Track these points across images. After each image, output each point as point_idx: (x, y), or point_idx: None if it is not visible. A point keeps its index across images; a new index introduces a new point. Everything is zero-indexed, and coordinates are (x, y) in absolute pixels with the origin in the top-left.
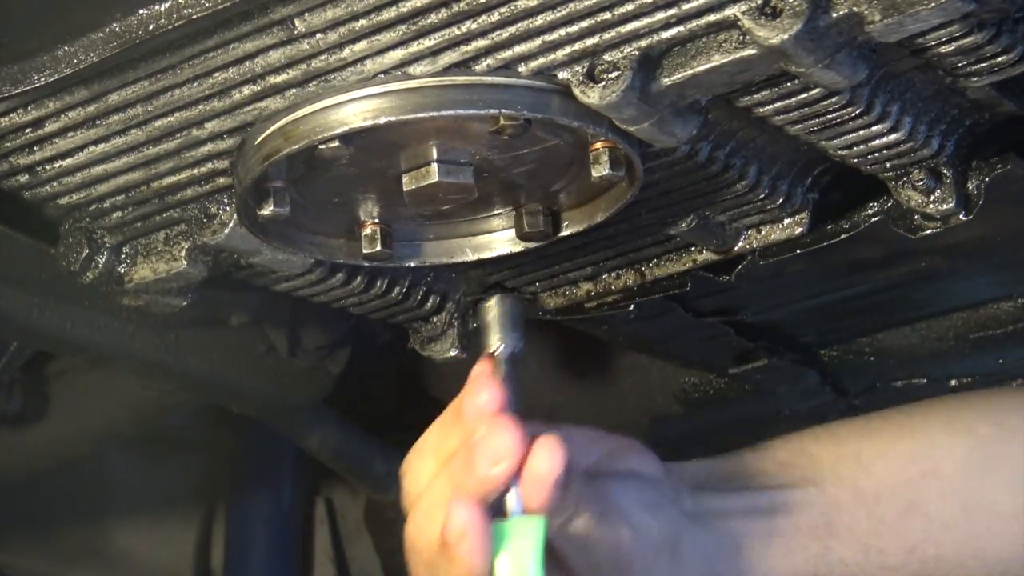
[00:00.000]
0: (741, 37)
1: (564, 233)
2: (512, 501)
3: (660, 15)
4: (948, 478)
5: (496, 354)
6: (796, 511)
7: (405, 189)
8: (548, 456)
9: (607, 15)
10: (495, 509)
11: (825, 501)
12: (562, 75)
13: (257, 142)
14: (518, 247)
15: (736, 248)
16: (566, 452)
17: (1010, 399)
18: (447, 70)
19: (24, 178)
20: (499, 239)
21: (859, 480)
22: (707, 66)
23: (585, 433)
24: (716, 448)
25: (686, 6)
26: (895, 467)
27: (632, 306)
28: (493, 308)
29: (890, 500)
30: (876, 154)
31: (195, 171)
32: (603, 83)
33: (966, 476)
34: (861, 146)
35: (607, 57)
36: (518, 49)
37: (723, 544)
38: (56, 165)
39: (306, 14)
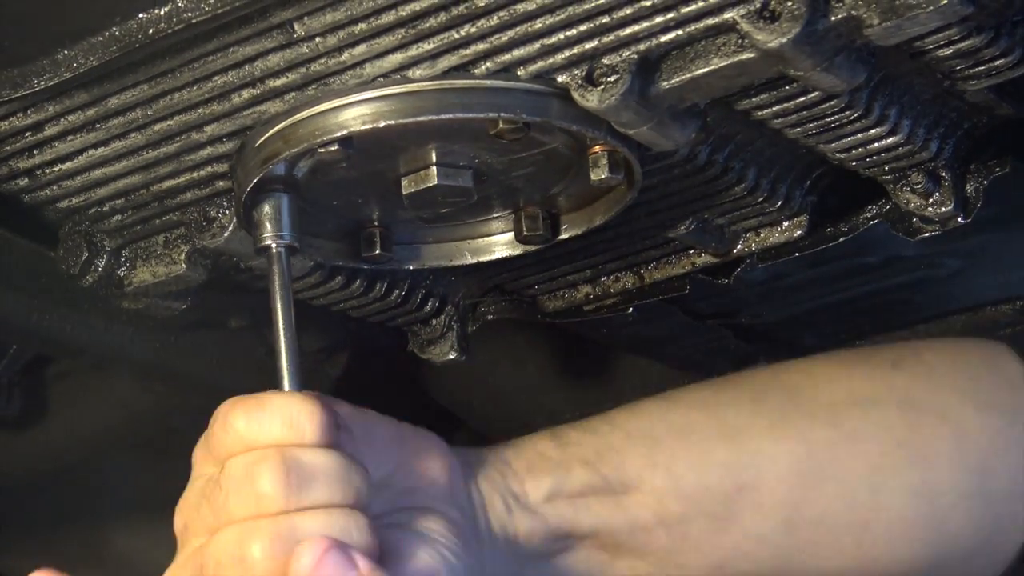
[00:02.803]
0: (740, 40)
1: (563, 236)
2: None
3: (659, 19)
4: (769, 492)
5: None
6: (588, 528)
7: (404, 192)
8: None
9: (606, 19)
10: None
11: (623, 520)
12: (561, 79)
13: (256, 145)
14: (517, 250)
15: (735, 251)
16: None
17: (859, 383)
18: (446, 74)
19: (24, 181)
20: (498, 242)
21: (665, 498)
22: (706, 69)
23: (380, 430)
24: None
25: (684, 10)
26: (709, 480)
27: (631, 309)
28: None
29: (697, 518)
30: (875, 157)
31: (195, 174)
32: (602, 87)
33: (791, 489)
34: (860, 149)
35: (606, 61)
36: (517, 53)
37: (511, 561)
38: (56, 169)
39: (305, 18)
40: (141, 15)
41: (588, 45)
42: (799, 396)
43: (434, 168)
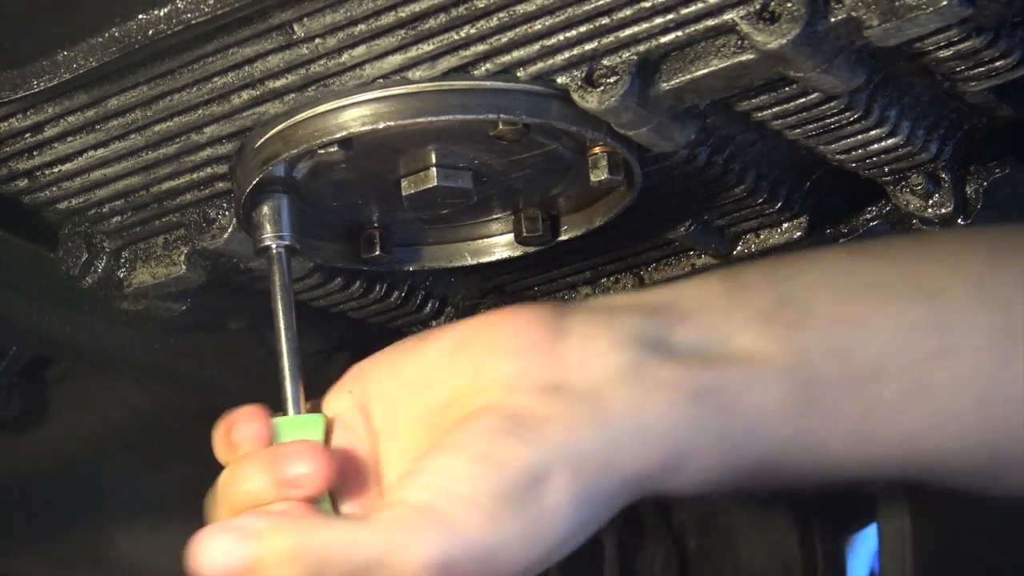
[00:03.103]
0: (739, 42)
1: (563, 237)
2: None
3: (658, 20)
4: (966, 361)
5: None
6: (769, 381)
7: (404, 193)
8: None
9: (606, 20)
10: None
11: (809, 375)
12: (561, 80)
13: (256, 147)
14: (517, 251)
15: (735, 252)
16: None
17: None
18: (446, 75)
19: (23, 183)
20: (498, 243)
21: (858, 351)
22: (705, 71)
23: (433, 352)
24: None
25: (684, 11)
26: (903, 341)
27: None
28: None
29: (890, 380)
30: (874, 158)
31: (194, 176)
32: (602, 88)
33: (989, 360)
34: (859, 150)
35: (606, 62)
36: (517, 54)
37: (649, 431)
38: (55, 170)
39: (305, 19)
40: (141, 16)
41: (588, 46)
42: (999, 260)
43: (434, 169)
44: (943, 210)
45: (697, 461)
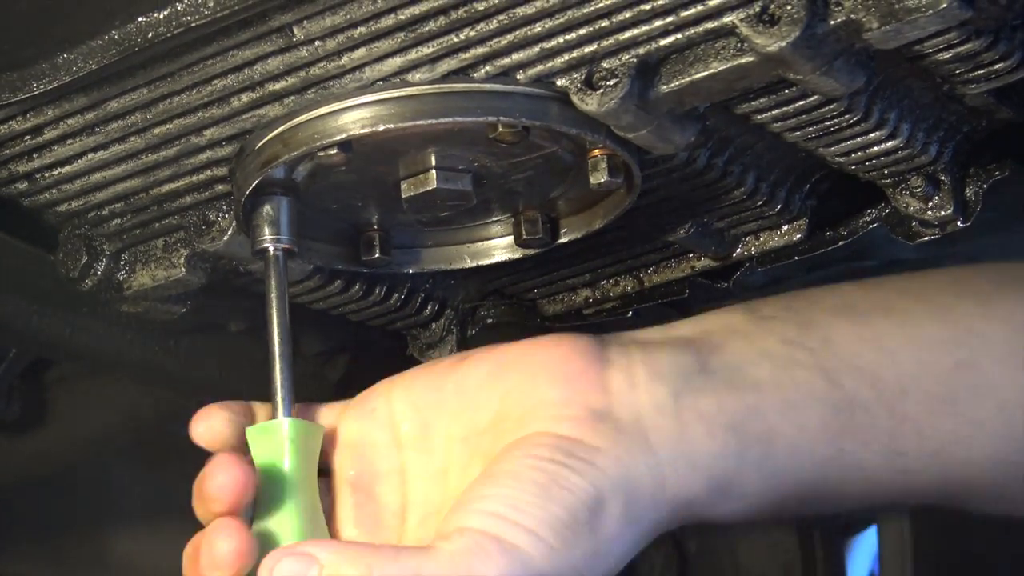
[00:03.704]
0: (739, 44)
1: (562, 240)
2: None
3: (658, 22)
4: (985, 372)
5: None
6: (803, 406)
7: (404, 196)
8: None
9: (605, 22)
10: None
11: (839, 397)
12: (560, 82)
13: (255, 149)
14: (516, 254)
15: (734, 255)
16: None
17: None
18: (446, 77)
19: (23, 185)
20: (498, 246)
21: (882, 370)
22: (705, 73)
23: (474, 377)
24: None
25: (684, 13)
26: (925, 356)
27: (631, 312)
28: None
29: (917, 395)
30: (874, 161)
31: (194, 178)
32: (601, 90)
33: (1005, 370)
34: (859, 153)
35: (605, 64)
36: (516, 56)
37: (690, 461)
38: (55, 172)
39: (305, 21)
40: (140, 19)
41: (587, 49)
42: (1003, 280)
43: (433, 172)
44: (943, 212)
45: (741, 487)
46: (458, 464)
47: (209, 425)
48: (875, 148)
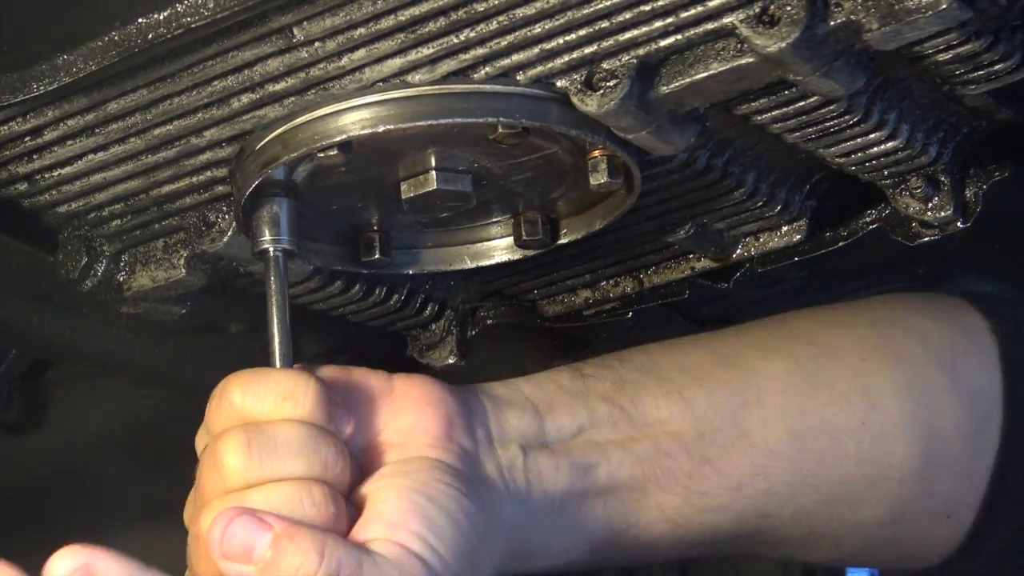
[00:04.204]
0: (739, 45)
1: (562, 241)
2: None
3: (658, 23)
4: (772, 404)
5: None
6: (614, 465)
7: (404, 196)
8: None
9: (605, 23)
10: None
11: (645, 450)
12: (560, 83)
13: (255, 150)
14: (516, 255)
15: (734, 256)
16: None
17: (824, 316)
18: (445, 78)
19: (23, 186)
20: (498, 247)
21: (681, 420)
22: (705, 74)
23: (364, 389)
24: None
25: (684, 14)
26: (718, 400)
27: (630, 313)
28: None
29: (713, 437)
30: (874, 161)
31: (194, 179)
32: (601, 91)
33: (789, 399)
34: (859, 153)
35: (605, 65)
36: (516, 57)
37: (530, 509)
38: (55, 173)
39: (305, 23)
40: (140, 20)
41: (587, 50)
42: (777, 327)
43: (433, 173)
44: (942, 213)
45: (560, 542)
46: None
47: None
48: (875, 149)
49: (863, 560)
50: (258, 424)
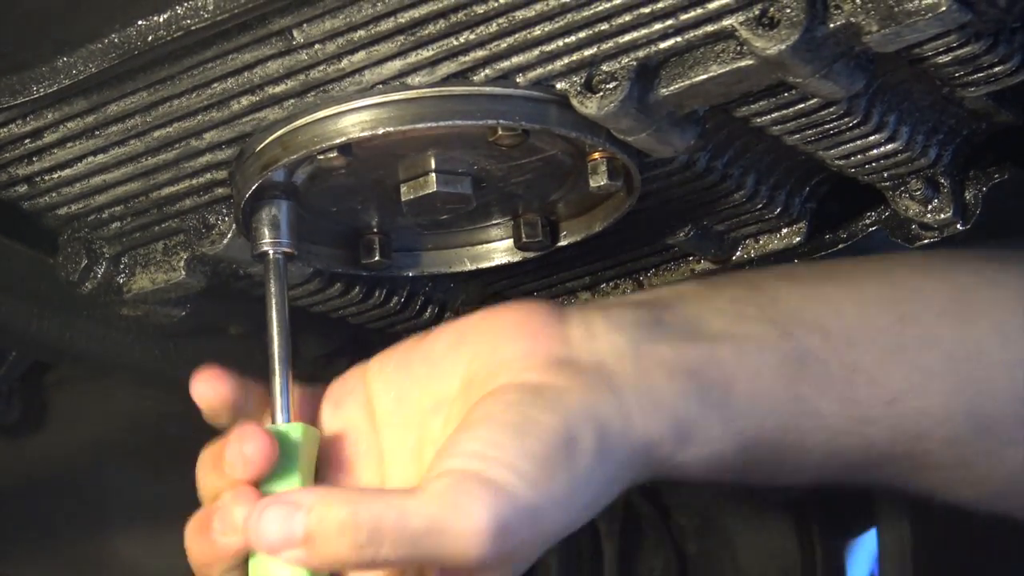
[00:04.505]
0: (739, 47)
1: (562, 243)
2: None
3: (658, 26)
4: (929, 324)
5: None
6: (756, 353)
7: (403, 199)
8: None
9: (605, 26)
10: None
11: (791, 347)
12: (560, 85)
13: (255, 152)
14: (516, 257)
15: (734, 258)
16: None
17: (986, 253)
18: (445, 80)
19: (23, 188)
20: (497, 249)
21: (828, 322)
22: (705, 76)
23: (440, 344)
24: None
25: (684, 17)
26: (869, 311)
27: None
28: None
29: (865, 345)
30: (874, 164)
31: (194, 181)
32: (601, 93)
33: (949, 323)
34: (859, 156)
35: (605, 68)
36: (516, 60)
37: (673, 396)
38: (55, 176)
39: (304, 25)
40: (140, 22)
41: (587, 52)
42: (933, 254)
43: (433, 175)
44: (942, 215)
45: (703, 432)
46: (432, 437)
47: (212, 385)
48: (875, 151)
49: (1006, 505)
50: None
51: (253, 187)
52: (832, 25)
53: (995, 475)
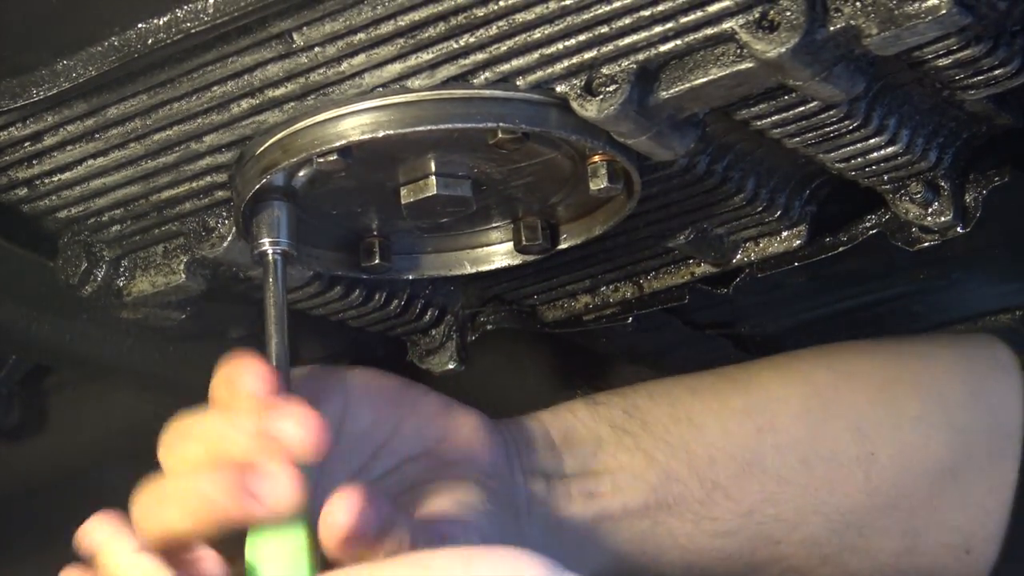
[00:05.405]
0: (739, 50)
1: (562, 246)
2: None
3: (658, 28)
4: (785, 431)
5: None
6: (626, 493)
7: (403, 202)
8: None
9: (605, 29)
10: None
11: (656, 474)
12: (560, 88)
13: (255, 155)
14: (516, 260)
15: (734, 261)
16: (365, 507)
17: (844, 348)
18: (445, 83)
19: (23, 191)
20: (497, 252)
21: (692, 444)
22: (705, 79)
23: (426, 403)
24: None
25: (684, 20)
26: (729, 425)
27: (630, 319)
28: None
29: (724, 462)
30: (874, 167)
31: (193, 184)
32: (601, 96)
33: (804, 426)
34: (859, 159)
35: (605, 70)
36: (516, 62)
37: (549, 534)
38: (55, 179)
39: (304, 28)
40: (140, 25)
41: (587, 55)
42: (796, 355)
43: (433, 178)
44: (942, 218)
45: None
46: (372, 472)
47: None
48: (875, 154)
49: None
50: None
51: (253, 190)
52: (832, 28)
53: (865, 569)
